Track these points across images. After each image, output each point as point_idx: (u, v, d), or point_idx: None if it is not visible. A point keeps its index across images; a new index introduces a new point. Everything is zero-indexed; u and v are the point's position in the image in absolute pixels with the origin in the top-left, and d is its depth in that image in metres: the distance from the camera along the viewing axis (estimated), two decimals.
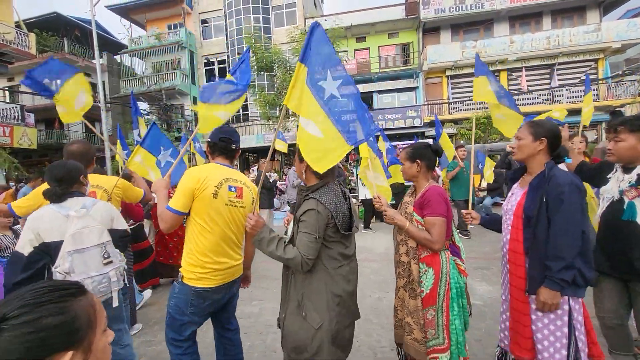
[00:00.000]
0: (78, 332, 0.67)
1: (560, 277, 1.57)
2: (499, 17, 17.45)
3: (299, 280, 1.62)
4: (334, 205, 1.57)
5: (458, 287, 1.82)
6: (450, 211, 1.86)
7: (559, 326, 1.63)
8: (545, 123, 1.75)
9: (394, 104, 18.86)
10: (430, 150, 1.95)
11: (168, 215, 1.77)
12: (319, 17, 18.06)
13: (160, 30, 21.08)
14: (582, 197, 1.63)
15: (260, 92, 13.26)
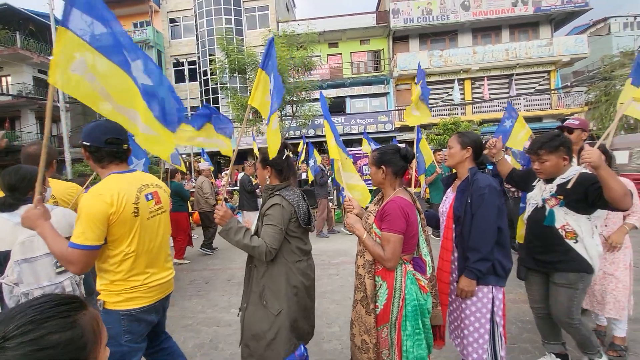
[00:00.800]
0: (85, 348, 0.64)
1: (476, 267, 1.78)
2: (463, 28, 18.48)
3: (261, 272, 1.74)
4: (296, 203, 1.76)
5: (416, 305, 1.61)
6: (413, 225, 1.67)
7: (483, 313, 1.84)
8: (470, 134, 2.00)
9: (366, 108, 19.31)
10: (399, 156, 1.74)
11: (77, 255, 1.35)
12: (291, 21, 18.14)
13: (126, 28, 20.14)
14: (499, 198, 1.82)
15: (234, 94, 13.05)
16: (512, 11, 17.55)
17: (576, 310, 1.98)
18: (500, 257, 1.83)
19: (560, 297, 2.00)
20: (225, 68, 12.85)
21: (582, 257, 1.91)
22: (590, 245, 1.91)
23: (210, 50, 18.46)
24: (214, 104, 18.95)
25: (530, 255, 2.13)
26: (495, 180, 1.89)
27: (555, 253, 1.98)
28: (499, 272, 1.83)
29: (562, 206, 1.94)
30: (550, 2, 17.31)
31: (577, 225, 1.91)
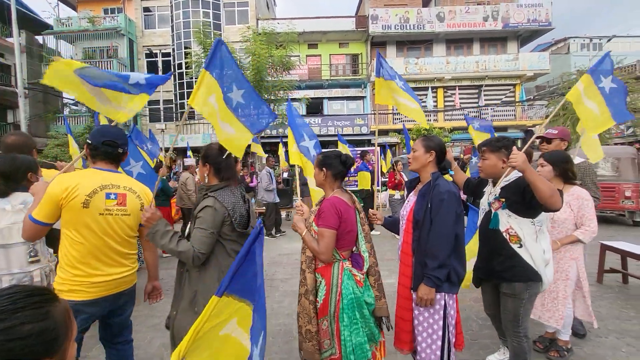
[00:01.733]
0: (57, 340, 0.63)
1: (435, 274, 1.76)
2: (438, 39, 19.21)
3: (193, 277, 1.66)
4: (231, 205, 1.67)
5: (352, 298, 1.76)
6: (348, 222, 1.81)
7: (436, 320, 1.83)
8: (435, 138, 1.99)
9: (343, 111, 19.55)
10: (339, 161, 1.91)
11: (28, 224, 1.58)
12: (271, 20, 18.01)
13: (95, 13, 19.11)
14: (458, 204, 1.81)
15: None
16: (483, 25, 18.49)
17: (523, 320, 1.97)
18: (456, 264, 1.83)
19: (507, 307, 2.01)
20: (201, 62, 12.52)
21: (527, 264, 1.90)
22: (534, 250, 1.88)
23: (186, 42, 17.90)
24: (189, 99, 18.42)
25: (482, 262, 2.12)
26: (455, 186, 1.90)
27: (501, 258, 1.96)
28: (453, 279, 1.83)
29: (505, 209, 1.95)
30: (518, 19, 18.41)
31: (520, 228, 1.90)
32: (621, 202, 7.51)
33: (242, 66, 12.22)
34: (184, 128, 18.34)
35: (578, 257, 2.45)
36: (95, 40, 18.65)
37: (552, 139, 2.81)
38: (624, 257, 4.02)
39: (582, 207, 2.39)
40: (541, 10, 18.43)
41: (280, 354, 2.69)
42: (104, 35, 18.42)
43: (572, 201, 2.41)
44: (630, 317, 3.12)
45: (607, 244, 4.07)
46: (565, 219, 2.42)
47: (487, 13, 18.45)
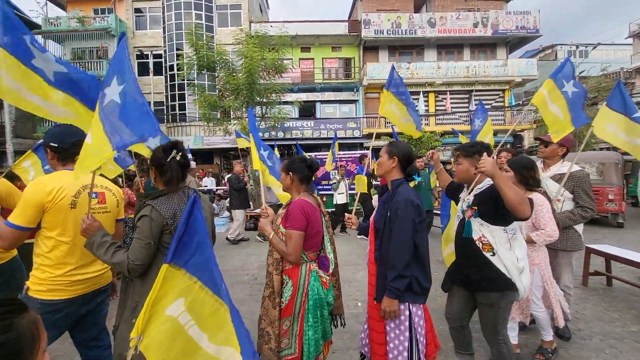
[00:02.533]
0: (21, 353, 0.62)
1: (394, 285, 1.73)
2: (429, 44, 19.46)
3: (137, 287, 1.60)
4: (171, 212, 1.57)
5: (317, 299, 1.82)
6: (315, 224, 1.85)
7: (402, 330, 1.82)
8: (399, 144, 1.96)
9: (336, 114, 19.62)
10: (305, 165, 1.95)
11: (8, 232, 1.56)
12: (264, 23, 18.02)
13: (85, 13, 18.86)
14: (415, 213, 1.77)
15: (201, 92, 12.65)
16: (473, 31, 18.81)
17: (502, 327, 1.97)
18: (418, 274, 1.80)
19: (485, 317, 1.99)
20: (193, 64, 12.44)
21: (501, 273, 1.86)
22: (506, 258, 1.85)
23: (178, 44, 17.79)
24: (180, 101, 18.26)
25: (458, 269, 2.10)
26: (416, 194, 1.87)
27: (476, 267, 1.94)
28: (415, 289, 1.80)
29: (477, 217, 1.91)
30: (507, 26, 18.79)
31: (492, 236, 1.87)
32: (605, 204, 7.86)
33: (235, 69, 12.20)
34: (174, 130, 18.17)
35: (540, 263, 2.46)
36: (85, 40, 18.40)
37: (550, 143, 2.78)
38: (608, 260, 4.11)
39: (537, 213, 2.39)
40: (529, 17, 18.84)
41: None
42: (93, 36, 18.19)
43: None
44: (614, 319, 3.19)
45: (591, 247, 4.16)
46: (520, 226, 2.33)
47: (477, 19, 18.78)
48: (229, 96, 12.35)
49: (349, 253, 5.91)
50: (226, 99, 12.39)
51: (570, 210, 2.72)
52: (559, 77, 2.44)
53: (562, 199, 2.73)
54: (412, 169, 2.00)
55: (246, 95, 11.97)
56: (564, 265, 2.81)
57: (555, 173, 2.81)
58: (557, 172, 2.81)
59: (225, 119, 13.27)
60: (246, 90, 11.81)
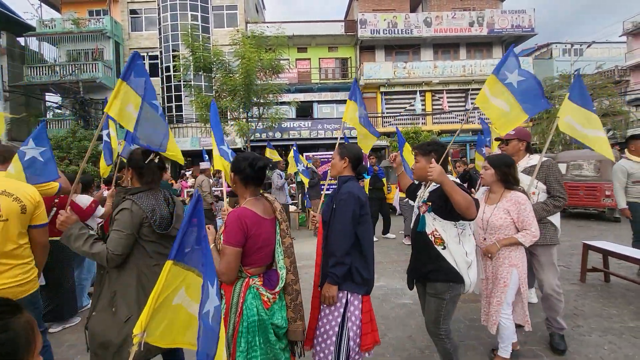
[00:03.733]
0: (17, 352, 0.62)
1: (333, 271, 1.83)
2: (425, 43, 19.51)
3: (113, 278, 1.68)
4: (150, 207, 1.72)
5: (255, 321, 1.56)
6: (257, 238, 1.61)
7: (335, 317, 1.88)
8: (349, 146, 2.09)
9: (333, 114, 19.61)
10: (247, 164, 1.68)
11: None
12: (261, 23, 18.00)
13: (80, 15, 18.74)
14: (357, 205, 1.88)
15: (198, 93, 12.61)
16: (469, 31, 18.89)
17: (444, 321, 1.98)
18: (359, 265, 1.89)
19: (429, 306, 2.03)
20: (189, 65, 12.40)
21: (450, 265, 1.92)
22: (456, 252, 1.92)
23: (174, 45, 17.73)
24: (177, 102, 18.20)
25: (414, 264, 2.15)
26: (361, 189, 1.97)
27: (427, 259, 2.00)
28: (356, 280, 1.88)
29: (430, 212, 1.99)
30: (502, 25, 18.88)
31: (444, 230, 1.94)
32: (602, 200, 8.01)
33: (232, 70, 12.17)
34: (171, 131, 18.10)
35: (518, 264, 2.33)
36: (80, 42, 18.28)
37: (510, 140, 2.75)
38: (606, 256, 4.12)
39: (521, 212, 2.30)
40: (524, 16, 18.94)
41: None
42: (89, 38, 18.07)
43: (510, 207, 2.32)
44: (612, 315, 3.20)
45: (589, 244, 4.17)
46: (500, 225, 2.34)
47: (472, 19, 18.86)
48: (225, 97, 12.33)
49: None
50: (223, 99, 12.36)
51: (543, 201, 2.64)
52: (502, 71, 2.37)
53: (537, 192, 2.68)
54: (361, 168, 2.09)
55: (243, 96, 11.96)
56: (546, 265, 2.63)
57: (525, 167, 2.73)
58: (526, 165, 2.73)
59: (222, 119, 13.22)
60: (243, 91, 11.80)
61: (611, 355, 2.54)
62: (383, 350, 2.72)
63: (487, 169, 2.44)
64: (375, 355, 2.66)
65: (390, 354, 2.68)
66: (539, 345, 2.70)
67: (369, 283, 1.94)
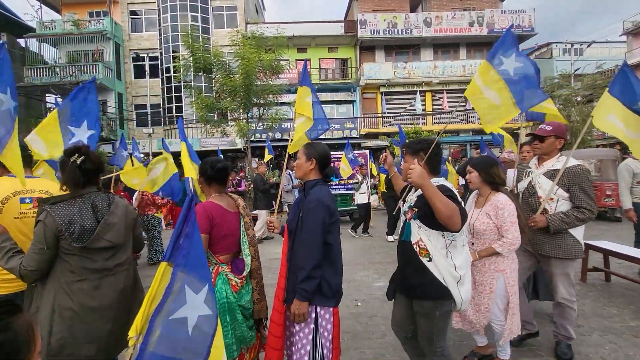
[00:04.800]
0: (18, 353, 0.63)
1: (302, 287, 1.68)
2: (425, 43, 19.52)
3: (38, 291, 1.60)
4: (66, 218, 1.55)
5: (224, 303, 1.76)
6: (222, 227, 1.78)
7: (306, 333, 1.77)
8: (317, 146, 1.93)
9: (333, 115, 19.61)
10: (209, 167, 1.89)
11: None
12: (261, 24, 18.02)
13: (80, 16, 18.77)
14: (326, 214, 1.74)
15: (198, 94, 12.62)
16: (469, 30, 18.89)
17: (437, 339, 1.83)
18: (329, 275, 1.76)
19: (421, 326, 1.86)
20: (189, 66, 12.41)
21: (436, 280, 1.73)
22: (442, 266, 1.72)
23: (174, 46, 17.74)
24: (177, 103, 18.21)
25: (398, 274, 1.98)
26: (329, 196, 1.82)
27: (412, 271, 1.81)
28: (325, 291, 1.76)
29: (416, 219, 1.78)
30: (502, 25, 18.86)
31: (429, 240, 1.74)
32: (603, 199, 8.04)
33: (232, 70, 12.18)
34: (172, 132, 18.12)
35: (505, 269, 2.21)
36: (80, 43, 18.31)
37: (546, 137, 2.44)
38: (606, 256, 4.12)
39: (499, 216, 2.18)
40: (524, 16, 18.94)
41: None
42: (89, 39, 18.10)
43: (490, 211, 2.21)
44: (613, 315, 3.19)
45: (590, 244, 4.17)
46: (484, 230, 2.23)
47: (472, 19, 18.87)
48: (225, 98, 12.34)
49: (348, 253, 5.90)
50: (223, 100, 12.38)
51: (565, 212, 2.36)
52: (497, 55, 2.08)
53: (556, 199, 2.38)
54: (329, 170, 1.95)
55: (243, 97, 11.97)
56: (558, 276, 2.45)
57: (549, 169, 2.44)
58: (551, 167, 2.44)
59: (222, 120, 13.25)
60: (243, 92, 11.81)
61: (612, 355, 2.53)
62: (383, 351, 2.71)
63: (471, 172, 2.34)
64: (375, 355, 2.66)
65: (390, 354, 2.67)
66: (539, 345, 2.69)
67: (338, 294, 1.84)
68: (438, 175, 1.87)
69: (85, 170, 1.64)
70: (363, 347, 2.80)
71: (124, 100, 19.49)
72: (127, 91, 19.76)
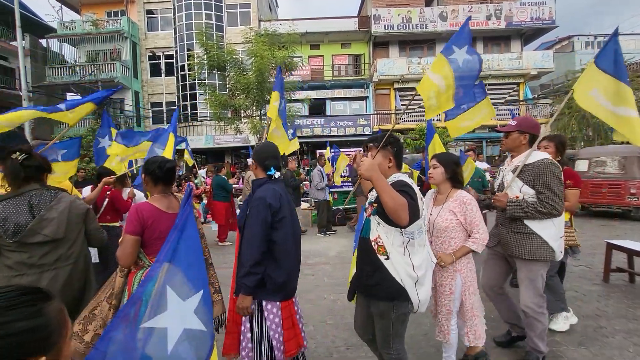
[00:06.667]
0: (51, 337, 0.65)
1: (243, 282, 1.76)
2: (440, 38, 19.14)
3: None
4: (2, 216, 1.65)
5: None
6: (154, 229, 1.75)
7: (251, 324, 1.86)
8: (257, 147, 2.03)
9: (346, 111, 19.53)
10: (157, 166, 1.85)
11: None
12: (274, 21, 18.05)
13: (99, 16, 19.25)
14: (267, 212, 1.77)
15: (212, 91, 12.77)
16: (486, 24, 18.40)
17: (394, 341, 1.79)
18: (272, 271, 1.82)
19: (377, 327, 1.84)
20: (203, 64, 12.56)
21: (393, 280, 1.68)
22: (399, 265, 1.67)
23: (188, 45, 17.98)
24: (192, 100, 18.49)
25: (357, 273, 1.93)
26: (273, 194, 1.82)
27: (370, 270, 1.76)
28: (269, 286, 1.82)
29: (375, 215, 1.74)
30: (521, 18, 18.30)
31: (387, 237, 1.69)
32: (627, 198, 7.69)
33: (245, 68, 12.26)
34: (186, 130, 18.42)
35: (462, 269, 2.14)
36: (99, 43, 18.80)
37: (510, 132, 2.35)
38: (631, 256, 3.96)
39: (467, 213, 2.09)
40: (544, 8, 18.31)
41: None
42: (107, 38, 18.56)
43: (455, 207, 2.13)
44: (637, 317, 3.07)
45: (613, 243, 4.02)
46: (446, 227, 2.14)
47: (490, 12, 18.36)
48: (239, 95, 12.44)
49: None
50: (237, 98, 12.48)
51: (523, 199, 2.23)
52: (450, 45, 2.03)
53: (521, 196, 2.26)
54: (269, 164, 1.94)
55: (256, 94, 12.04)
56: (523, 280, 2.33)
57: (516, 165, 2.31)
58: (518, 163, 2.31)
59: (236, 117, 13.36)
60: (256, 89, 11.87)
61: (637, 358, 2.44)
62: None
63: (437, 167, 2.24)
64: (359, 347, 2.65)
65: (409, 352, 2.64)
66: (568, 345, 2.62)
67: (285, 288, 1.87)
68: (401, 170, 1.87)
69: (26, 167, 1.73)
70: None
71: (140, 98, 19.92)
72: (144, 89, 20.18)
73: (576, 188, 2.86)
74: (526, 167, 2.25)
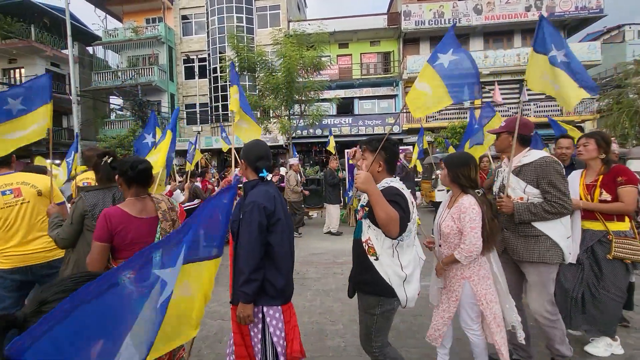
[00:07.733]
0: None
1: (242, 290, 1.69)
2: (475, 32, 18.36)
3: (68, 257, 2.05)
4: (92, 202, 1.99)
5: None
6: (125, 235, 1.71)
7: (255, 332, 1.80)
8: (246, 146, 1.93)
9: (374, 110, 19.29)
10: (129, 167, 1.78)
11: None
12: (303, 21, 18.18)
13: (138, 23, 20.40)
14: (262, 216, 1.71)
15: None
16: (525, 16, 17.40)
17: (376, 337, 1.83)
18: (271, 276, 1.77)
19: (362, 320, 1.89)
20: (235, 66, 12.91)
21: (381, 278, 1.74)
22: (388, 266, 1.73)
23: (220, 47, 18.57)
24: (223, 101, 19.10)
25: (352, 271, 1.99)
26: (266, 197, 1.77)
27: (361, 269, 1.83)
28: (269, 292, 1.77)
29: (366, 218, 1.80)
30: (564, 8, 17.12)
31: (377, 239, 1.75)
32: None
33: (274, 69, 12.45)
34: (218, 130, 19.05)
35: (471, 277, 2.04)
36: (139, 48, 19.92)
37: (499, 134, 2.36)
38: None
39: (461, 220, 2.00)
40: None
41: (312, 352, 2.69)
42: (146, 44, 19.62)
43: (455, 213, 2.05)
44: None
45: None
46: (448, 233, 2.10)
47: (529, 2, 17.33)
48: (268, 95, 12.67)
49: None
50: (266, 98, 12.71)
51: (532, 202, 2.16)
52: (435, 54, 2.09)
53: (526, 197, 2.19)
54: (260, 164, 1.87)
55: (285, 94, 12.20)
56: (533, 285, 2.24)
57: (517, 165, 2.26)
58: (518, 164, 2.26)
59: (265, 117, 13.61)
60: (285, 89, 12.03)
61: None
62: (429, 350, 2.62)
63: (443, 169, 2.18)
64: (420, 355, 2.60)
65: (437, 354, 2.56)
66: None
67: (284, 292, 1.83)
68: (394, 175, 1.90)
69: (113, 168, 2.01)
70: (409, 346, 2.75)
71: (175, 100, 20.87)
72: (179, 92, 21.12)
73: (631, 185, 2.42)
74: (525, 166, 2.22)
